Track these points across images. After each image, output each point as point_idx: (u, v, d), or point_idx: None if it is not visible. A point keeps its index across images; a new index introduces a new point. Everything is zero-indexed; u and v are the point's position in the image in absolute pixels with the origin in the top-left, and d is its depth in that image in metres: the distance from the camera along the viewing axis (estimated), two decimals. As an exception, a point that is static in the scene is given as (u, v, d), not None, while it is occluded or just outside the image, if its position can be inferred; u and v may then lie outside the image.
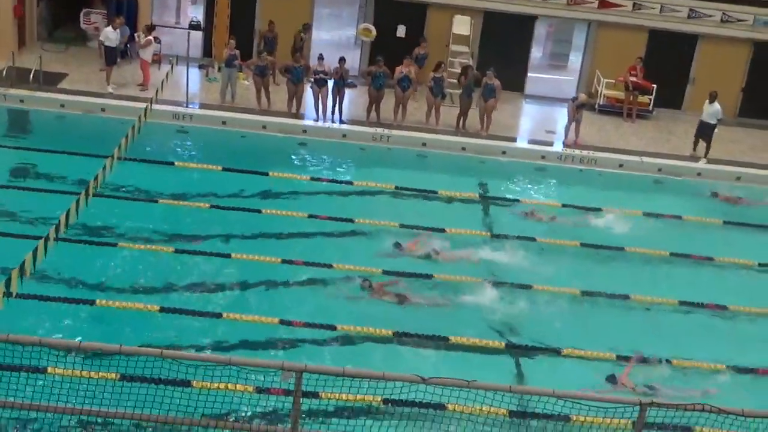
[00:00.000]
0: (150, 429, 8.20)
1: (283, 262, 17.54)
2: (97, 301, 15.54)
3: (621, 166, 23.86)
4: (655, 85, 26.65)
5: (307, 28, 26.56)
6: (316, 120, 24.30)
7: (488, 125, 24.52)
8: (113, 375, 11.59)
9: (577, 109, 24.29)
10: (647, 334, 16.47)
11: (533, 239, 19.44)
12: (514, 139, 24.84)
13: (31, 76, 23.80)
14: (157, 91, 22.30)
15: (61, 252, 16.44)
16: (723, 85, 25.87)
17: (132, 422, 8.06)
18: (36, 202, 18.64)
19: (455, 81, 25.42)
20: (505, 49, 27.23)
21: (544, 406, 9.11)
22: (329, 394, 10.99)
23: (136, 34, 25.98)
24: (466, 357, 15.33)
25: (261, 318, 15.61)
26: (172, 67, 24.62)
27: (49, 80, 24.44)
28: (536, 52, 30.15)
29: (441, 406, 11.23)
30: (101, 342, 8.07)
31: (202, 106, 24.51)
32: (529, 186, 22.68)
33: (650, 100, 26.90)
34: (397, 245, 18.58)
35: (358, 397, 9.11)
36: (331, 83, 24.14)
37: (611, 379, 14.88)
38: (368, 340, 15.53)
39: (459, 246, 18.76)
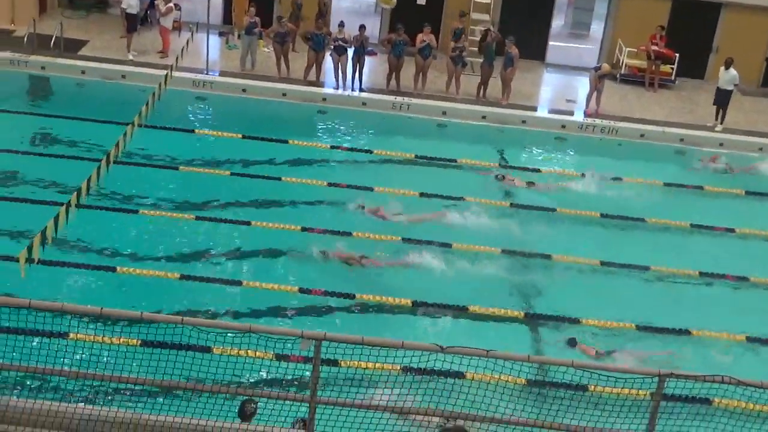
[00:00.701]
0: (171, 394, 8.26)
1: (303, 230, 17.58)
2: (118, 268, 15.64)
3: (642, 136, 23.71)
4: (677, 55, 26.39)
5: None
6: (336, 88, 24.24)
7: (508, 94, 24.41)
8: (135, 341, 11.72)
9: (600, 78, 24.13)
10: (667, 305, 16.44)
11: (553, 209, 19.38)
12: (534, 108, 24.71)
13: (52, 42, 23.83)
14: (177, 59, 22.28)
15: (83, 219, 16.55)
16: (747, 54, 25.65)
17: (153, 388, 8.11)
18: (57, 169, 18.72)
19: (476, 49, 25.26)
20: (526, 17, 27.03)
21: (562, 376, 9.14)
22: (348, 362, 11.06)
23: (156, 1, 25.92)
24: (487, 326, 15.38)
25: (280, 286, 15.67)
26: (192, 35, 24.58)
27: (70, 47, 24.47)
28: (558, 21, 29.92)
29: (460, 375, 11.31)
30: (122, 309, 8.10)
31: (222, 73, 24.49)
32: (549, 155, 22.57)
33: (673, 69, 26.66)
34: (360, 207, 18.60)
35: (377, 365, 9.14)
36: (350, 51, 24.04)
37: (571, 342, 14.94)
38: (387, 308, 15.60)
39: (477, 215, 18.72)
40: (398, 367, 10.53)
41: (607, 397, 9.75)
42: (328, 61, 24.42)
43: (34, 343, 8.70)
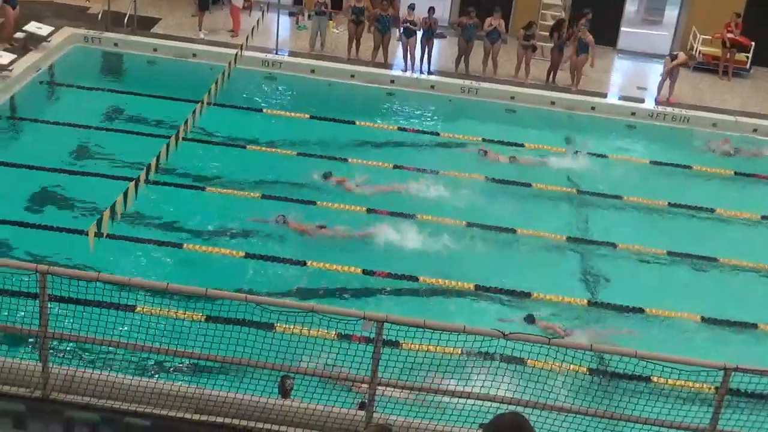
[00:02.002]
0: (233, 370, 8.36)
1: (368, 211, 17.62)
2: (185, 245, 15.84)
3: (714, 125, 23.24)
4: (753, 43, 25.85)
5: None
6: (404, 70, 24.18)
7: (578, 80, 24.13)
8: (199, 316, 11.84)
9: (675, 67, 23.73)
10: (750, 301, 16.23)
11: (619, 197, 19.18)
12: (604, 95, 24.39)
13: (126, 20, 24.13)
14: (247, 38, 22.41)
15: (151, 195, 16.78)
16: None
17: (216, 363, 8.21)
18: (127, 145, 18.99)
19: (546, 34, 25.02)
20: (598, 2, 26.65)
21: (624, 366, 9.03)
22: (409, 344, 11.08)
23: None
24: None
25: (344, 267, 15.74)
26: (263, 14, 24.69)
27: (143, 24, 24.77)
28: (630, 6, 29.46)
29: (521, 360, 11.25)
30: (188, 285, 8.20)
31: (291, 53, 24.59)
32: (618, 142, 22.28)
33: (748, 57, 26.11)
34: (326, 176, 18.66)
35: (438, 348, 9.14)
36: (420, 33, 23.96)
37: (529, 318, 14.86)
38: (448, 292, 15.59)
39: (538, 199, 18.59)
40: (459, 351, 10.53)
41: (669, 389, 9.65)
42: (397, 44, 24.39)
43: (101, 316, 8.86)
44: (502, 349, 8.21)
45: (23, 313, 8.28)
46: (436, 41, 24.45)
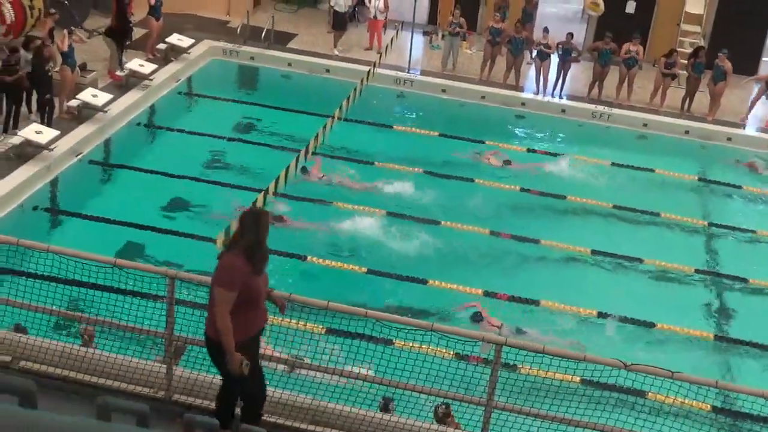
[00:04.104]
0: (351, 383, 8.41)
1: (491, 234, 17.53)
2: (308, 258, 16.04)
3: None
4: None
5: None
6: (536, 93, 24.01)
7: (715, 109, 23.52)
8: (321, 328, 11.97)
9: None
10: None
11: (753, 231, 18.60)
12: (742, 126, 23.69)
13: (263, 34, 24.68)
14: (380, 56, 22.62)
15: (279, 206, 17.06)
16: None
17: (335, 376, 8.27)
18: (258, 156, 19.37)
19: (684, 61, 24.49)
20: (739, 30, 25.96)
21: (751, 406, 8.74)
22: (528, 369, 10.96)
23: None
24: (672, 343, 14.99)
25: (465, 288, 15.68)
26: (397, 33, 24.90)
27: (280, 39, 25.28)
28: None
29: (641, 393, 11.00)
30: (310, 297, 8.30)
31: (424, 72, 24.70)
32: (753, 175, 21.60)
33: None
34: (303, 170, 18.58)
35: (557, 375, 9.02)
36: (555, 57, 23.75)
37: (476, 317, 14.68)
38: (571, 316, 15.37)
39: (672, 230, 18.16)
40: (578, 379, 10.36)
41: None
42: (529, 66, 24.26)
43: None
44: (623, 381, 8.03)
45: (151, 316, 8.51)
46: (571, 65, 24.16)
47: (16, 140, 17.63)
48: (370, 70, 21.29)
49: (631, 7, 26.56)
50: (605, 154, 21.28)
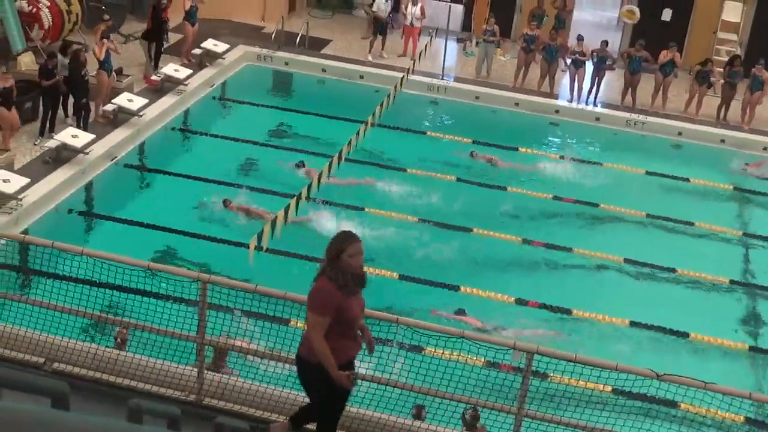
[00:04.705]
0: (381, 390, 8.40)
1: (524, 242, 17.47)
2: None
3: None
4: None
5: (564, 5, 26.01)
6: (570, 101, 23.92)
7: (750, 118, 23.32)
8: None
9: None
10: None
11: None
12: (778, 135, 23.46)
13: (297, 40, 24.75)
14: (414, 62, 22.64)
15: (311, 212, 17.09)
16: None
17: (366, 383, 8.27)
18: (290, 162, 19.40)
19: (720, 70, 24.29)
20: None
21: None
22: (559, 378, 10.90)
23: (402, 6, 26.41)
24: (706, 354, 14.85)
25: (496, 294, 15.64)
26: (431, 39, 24.89)
27: (314, 45, 25.36)
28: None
29: (673, 404, 10.91)
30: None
31: (457, 79, 24.66)
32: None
33: None
34: (299, 165, 18.84)
35: (588, 384, 8.96)
36: (589, 65, 23.64)
37: (460, 312, 14.73)
38: (603, 326, 15.28)
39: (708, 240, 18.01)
40: (609, 389, 10.29)
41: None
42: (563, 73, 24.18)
43: (263, 328, 9.08)
44: (655, 390, 7.97)
45: (182, 319, 8.55)
46: (606, 73, 24.02)
47: (52, 144, 17.82)
48: (403, 76, 21.29)
49: (667, 15, 26.41)
50: (640, 162, 21.15)
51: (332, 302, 6.88)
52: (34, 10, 21.88)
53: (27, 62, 20.88)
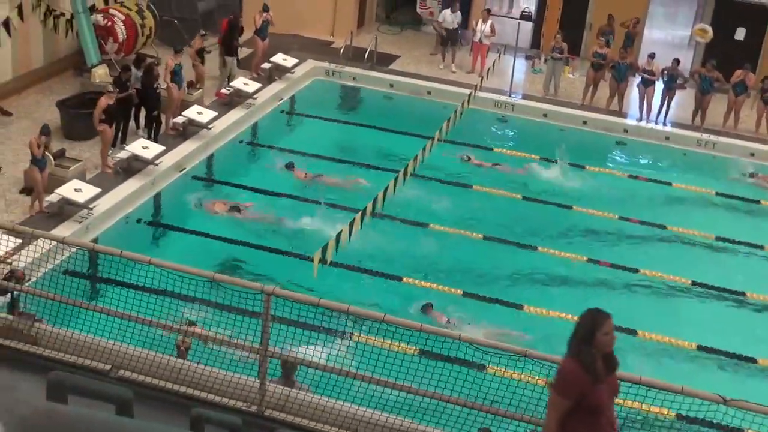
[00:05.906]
0: (442, 407, 8.38)
1: (589, 261, 17.30)
2: (404, 279, 16.05)
3: None
4: None
5: (636, 23, 25.75)
6: (639, 120, 23.65)
7: (824, 140, 22.85)
8: (413, 349, 11.95)
9: None
10: None
11: None
12: None
13: (366, 55, 24.88)
14: (481, 79, 22.60)
15: (375, 227, 17.11)
16: None
17: (419, 398, 8.24)
18: (357, 176, 19.46)
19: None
20: None
21: None
22: (622, 401, 10.74)
23: (470, 23, 26.42)
24: None
25: (560, 313, 15.49)
26: (499, 56, 24.85)
27: (382, 61, 25.45)
28: None
29: (740, 431, 10.68)
30: (404, 318, 8.31)
31: (525, 96, 24.56)
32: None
33: None
34: (288, 166, 19.10)
35: (652, 408, 8.81)
36: (660, 83, 23.35)
37: (425, 309, 14.75)
38: (672, 349, 15.04)
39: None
40: (673, 414, 10.13)
41: None
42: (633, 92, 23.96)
43: (319, 338, 9.11)
44: (721, 416, 7.82)
45: (246, 331, 8.62)
46: (677, 92, 23.72)
47: (123, 154, 18.12)
48: (471, 92, 21.27)
49: (740, 34, 26.00)
50: (710, 183, 20.83)
51: (575, 385, 6.27)
52: (109, 23, 22.31)
53: (101, 74, 21.29)
